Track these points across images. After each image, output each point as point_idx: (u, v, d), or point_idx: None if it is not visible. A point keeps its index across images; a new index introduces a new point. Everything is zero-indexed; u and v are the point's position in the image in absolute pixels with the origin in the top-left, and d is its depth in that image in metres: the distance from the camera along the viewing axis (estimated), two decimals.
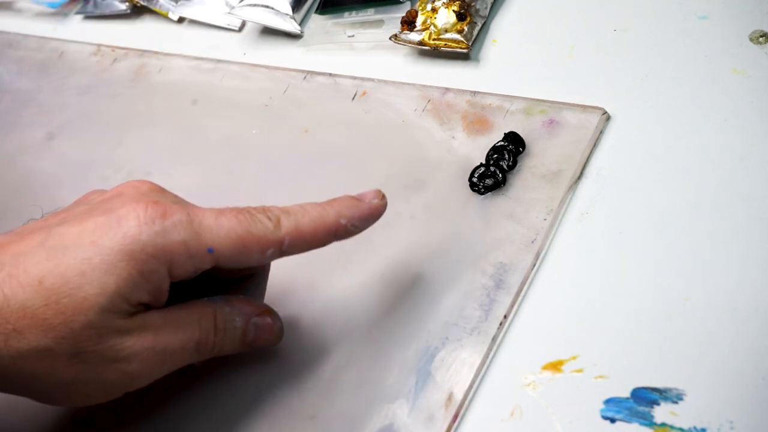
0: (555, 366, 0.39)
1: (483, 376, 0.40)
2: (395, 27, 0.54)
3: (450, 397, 0.39)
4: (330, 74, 0.55)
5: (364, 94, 0.53)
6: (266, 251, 0.38)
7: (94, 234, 0.36)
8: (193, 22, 0.65)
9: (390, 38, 0.54)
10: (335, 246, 0.46)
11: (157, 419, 0.43)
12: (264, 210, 0.39)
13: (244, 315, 0.40)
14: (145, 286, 0.36)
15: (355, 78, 0.54)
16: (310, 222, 0.39)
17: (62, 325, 0.35)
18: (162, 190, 0.40)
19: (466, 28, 0.51)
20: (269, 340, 0.41)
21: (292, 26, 0.59)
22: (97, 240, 0.36)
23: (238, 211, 0.38)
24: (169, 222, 0.36)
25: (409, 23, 0.53)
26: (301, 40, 0.59)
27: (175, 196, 0.40)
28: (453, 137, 0.48)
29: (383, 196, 0.41)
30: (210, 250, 0.37)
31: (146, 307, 0.38)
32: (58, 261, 0.36)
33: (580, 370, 0.38)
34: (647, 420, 0.36)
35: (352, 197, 0.40)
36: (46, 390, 0.38)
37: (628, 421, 0.36)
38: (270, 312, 0.41)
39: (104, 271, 0.36)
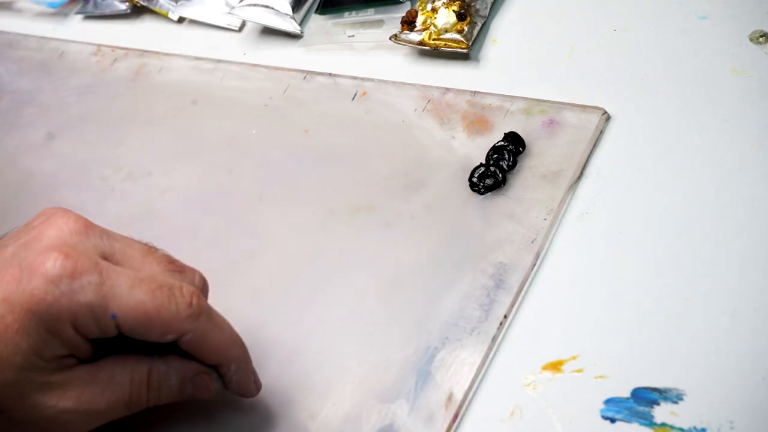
0: (555, 366, 0.39)
1: (483, 376, 0.40)
2: (395, 27, 0.54)
3: (450, 397, 0.39)
4: (330, 74, 0.55)
5: (364, 94, 0.53)
6: (166, 335, 0.37)
7: (7, 289, 0.35)
8: (193, 22, 0.65)
9: (390, 38, 0.54)
10: (335, 246, 0.46)
11: (156, 419, 0.43)
12: (187, 293, 0.37)
13: (180, 374, 0.39)
14: (56, 343, 0.36)
15: (355, 78, 0.54)
16: (218, 341, 0.38)
17: None
18: (86, 231, 0.38)
19: (466, 28, 0.51)
20: (207, 396, 0.40)
21: (292, 26, 0.59)
22: (9, 296, 0.35)
23: (159, 285, 0.37)
24: (77, 283, 0.35)
25: (409, 23, 0.53)
26: (301, 40, 0.59)
27: (101, 237, 0.38)
28: (453, 137, 0.48)
29: (259, 390, 0.41)
30: (113, 317, 0.36)
31: (75, 360, 0.37)
32: None
33: (580, 370, 0.38)
34: (647, 420, 0.36)
35: (251, 365, 0.40)
36: None
37: (628, 421, 0.36)
38: (207, 373, 0.39)
39: (15, 331, 0.35)
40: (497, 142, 0.46)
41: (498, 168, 0.45)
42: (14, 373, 0.36)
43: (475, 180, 0.45)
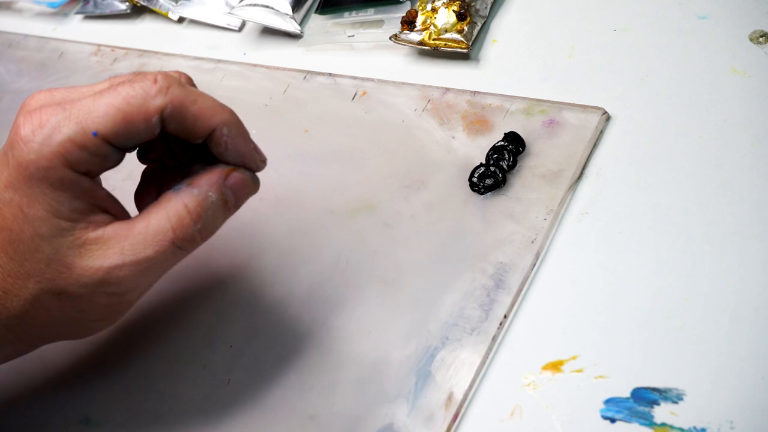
0: (555, 366, 0.39)
1: (483, 376, 0.40)
2: (395, 27, 0.54)
3: (450, 397, 0.39)
4: (330, 74, 0.55)
5: (364, 94, 0.53)
6: (149, 120, 0.36)
7: (3, 177, 0.37)
8: (193, 22, 0.65)
9: (390, 38, 0.54)
10: (335, 246, 0.46)
11: (157, 418, 0.43)
12: (149, 76, 0.37)
13: (213, 186, 0.38)
14: (66, 195, 0.36)
15: (355, 78, 0.54)
16: (200, 107, 0.37)
17: (31, 271, 0.37)
18: (50, 92, 0.38)
19: (466, 28, 0.51)
20: (249, 190, 0.40)
21: (292, 26, 0.59)
22: (6, 179, 0.36)
23: (119, 83, 0.37)
24: (48, 128, 0.36)
25: (409, 23, 0.53)
26: (301, 40, 0.59)
27: (66, 90, 0.38)
28: (453, 137, 0.48)
29: (264, 162, 0.40)
30: (94, 133, 0.36)
31: (108, 217, 0.38)
32: None
33: (580, 370, 0.38)
34: (647, 420, 0.36)
35: (246, 132, 0.39)
36: (59, 331, 0.39)
37: (628, 421, 0.36)
38: (234, 168, 0.39)
39: (28, 206, 0.36)
40: (497, 142, 0.46)
41: (498, 168, 0.45)
42: (48, 244, 0.36)
43: (475, 180, 0.45)
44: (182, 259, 0.39)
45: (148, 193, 0.41)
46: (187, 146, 0.40)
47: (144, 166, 0.43)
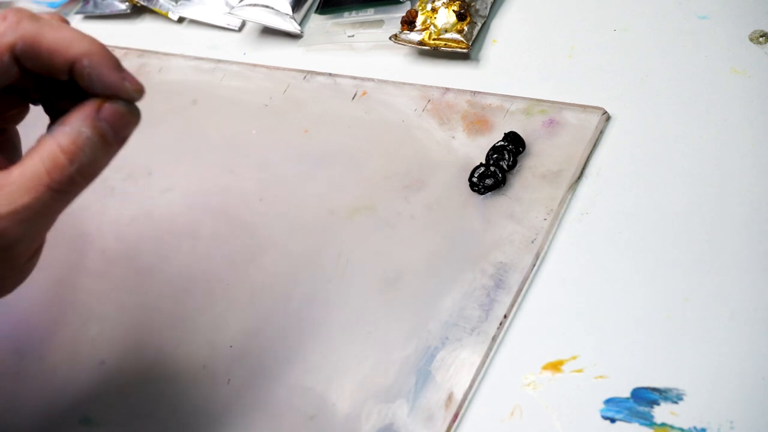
0: (555, 366, 0.39)
1: (483, 376, 0.40)
2: (395, 27, 0.54)
3: (450, 397, 0.39)
4: (330, 74, 0.55)
5: (364, 94, 0.53)
6: (2, 59, 0.34)
7: None
8: (193, 22, 0.65)
9: (390, 38, 0.54)
10: (335, 245, 0.46)
11: (157, 418, 0.43)
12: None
13: (86, 120, 0.35)
14: None
15: (355, 78, 0.54)
16: (54, 38, 0.35)
17: None
18: None
19: (466, 28, 0.51)
20: (131, 123, 0.37)
21: (292, 26, 0.59)
22: None
23: None
24: None
25: (409, 23, 0.53)
26: (301, 40, 0.59)
27: None
28: (453, 137, 0.48)
29: (140, 91, 0.36)
30: None
31: None
32: None
33: (580, 370, 0.38)
34: (647, 420, 0.36)
35: (113, 60, 0.36)
36: None
37: (628, 421, 0.36)
38: (107, 99, 0.36)
39: None
40: (497, 142, 0.46)
41: (498, 168, 0.45)
42: None
43: (475, 180, 0.45)
44: (66, 205, 0.36)
45: None
46: (61, 88, 0.37)
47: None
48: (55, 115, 0.38)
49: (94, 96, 0.36)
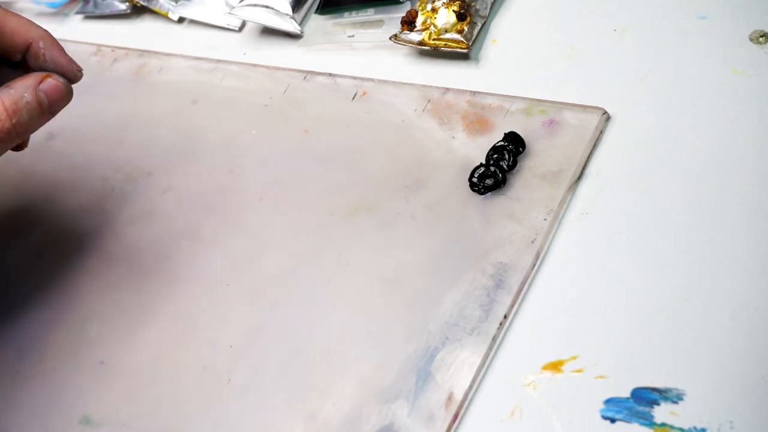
0: (555, 366, 0.39)
1: (483, 376, 0.40)
2: (395, 27, 0.54)
3: (450, 397, 0.39)
4: (330, 74, 0.55)
5: (364, 94, 0.53)
6: None
7: None
8: (193, 22, 0.65)
9: (390, 38, 0.54)
10: (335, 245, 0.46)
11: (157, 418, 0.43)
12: None
13: (29, 88, 0.42)
14: None
15: (355, 78, 0.54)
16: (16, 23, 0.44)
17: None
18: None
19: (466, 28, 0.51)
20: (65, 99, 0.44)
21: (292, 26, 0.59)
22: None
23: None
24: None
25: (409, 23, 0.53)
26: (301, 40, 0.59)
27: None
28: (453, 137, 0.48)
29: (81, 71, 0.45)
30: None
31: None
32: None
33: (580, 370, 0.38)
34: (647, 420, 0.36)
35: (60, 45, 0.45)
36: None
37: (628, 421, 0.36)
38: (50, 74, 0.44)
39: None
40: (497, 142, 0.46)
41: (498, 168, 0.45)
42: None
43: (475, 180, 0.45)
44: (1, 153, 0.43)
45: None
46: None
47: None
48: None
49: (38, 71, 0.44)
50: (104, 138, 0.59)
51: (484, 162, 0.46)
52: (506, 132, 0.46)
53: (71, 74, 0.44)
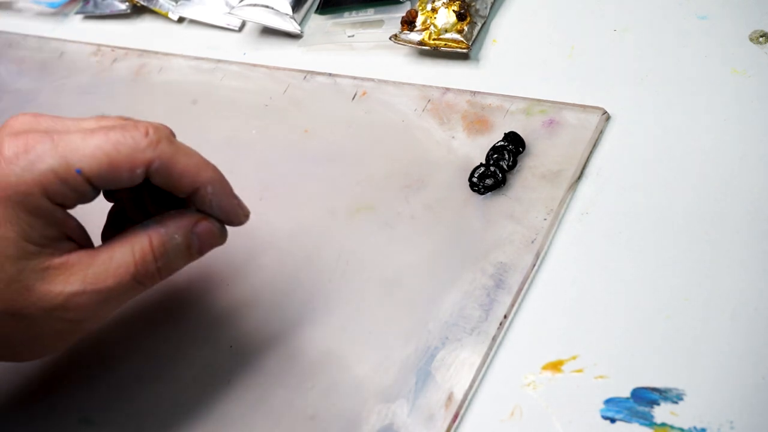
0: (555, 366, 0.39)
1: (483, 376, 0.40)
2: (395, 27, 0.54)
3: (450, 397, 0.39)
4: (330, 74, 0.55)
5: (364, 94, 0.53)
6: (134, 170, 0.37)
7: None
8: (193, 22, 0.65)
9: (390, 38, 0.54)
10: (335, 245, 0.46)
11: (157, 418, 0.43)
12: (141, 126, 0.38)
13: (180, 229, 0.39)
14: (40, 222, 0.37)
15: (355, 78, 0.54)
16: (186, 164, 0.38)
17: None
18: (35, 118, 0.38)
19: (466, 28, 0.51)
20: (216, 243, 0.41)
21: (292, 26, 0.59)
22: None
23: (111, 127, 0.37)
24: (33, 154, 0.36)
25: (409, 23, 0.53)
26: (301, 40, 0.59)
27: (52, 120, 0.39)
28: (453, 137, 0.48)
29: (247, 216, 0.41)
30: (78, 171, 0.36)
31: (74, 245, 0.38)
32: None
33: (580, 370, 0.38)
34: (647, 420, 0.36)
35: (230, 188, 0.40)
36: (6, 351, 0.39)
37: (628, 421, 0.36)
38: (205, 217, 0.40)
39: None
40: (497, 142, 0.46)
41: (498, 168, 0.45)
42: (12, 265, 0.36)
43: (475, 180, 0.45)
44: (139, 294, 0.39)
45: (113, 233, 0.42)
46: (158, 195, 0.41)
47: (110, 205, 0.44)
48: (114, 201, 0.43)
49: (191, 209, 0.40)
50: None
51: (484, 162, 0.46)
52: (506, 132, 0.46)
53: (237, 220, 0.41)
